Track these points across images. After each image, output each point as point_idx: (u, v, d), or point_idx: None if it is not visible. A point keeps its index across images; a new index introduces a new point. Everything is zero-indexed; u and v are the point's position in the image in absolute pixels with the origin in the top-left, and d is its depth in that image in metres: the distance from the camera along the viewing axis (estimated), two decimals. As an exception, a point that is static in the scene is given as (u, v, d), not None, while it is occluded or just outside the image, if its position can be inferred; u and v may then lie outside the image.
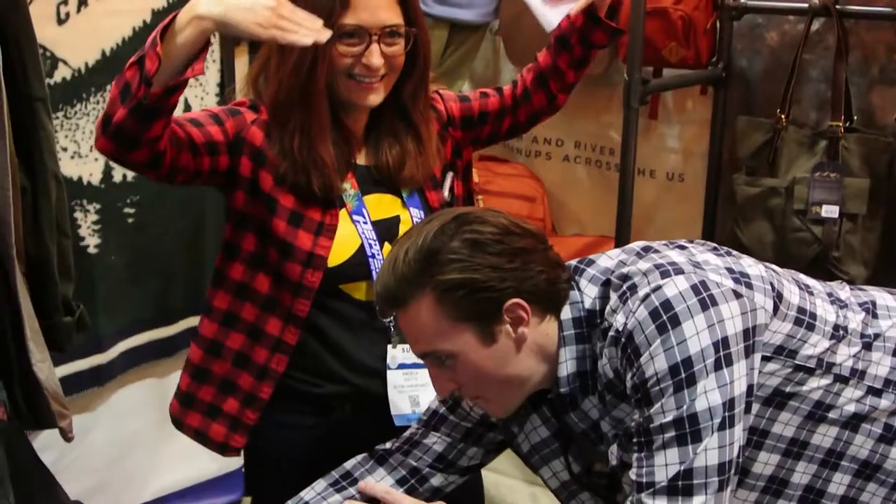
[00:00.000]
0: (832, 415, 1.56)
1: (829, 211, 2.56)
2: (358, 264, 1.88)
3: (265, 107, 1.88)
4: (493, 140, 2.10)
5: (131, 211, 2.93)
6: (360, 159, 1.96)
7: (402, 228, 1.91)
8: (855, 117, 2.60)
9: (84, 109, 2.76)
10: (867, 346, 1.58)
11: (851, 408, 1.56)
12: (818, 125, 2.68)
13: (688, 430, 1.44)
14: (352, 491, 1.75)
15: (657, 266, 1.51)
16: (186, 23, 1.61)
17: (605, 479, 1.66)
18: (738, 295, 1.48)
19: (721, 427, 1.44)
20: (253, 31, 1.61)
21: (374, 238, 1.88)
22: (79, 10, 2.71)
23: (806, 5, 2.60)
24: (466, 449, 1.76)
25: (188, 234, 3.10)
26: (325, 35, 1.66)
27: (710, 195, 2.91)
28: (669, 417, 1.44)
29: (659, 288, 1.47)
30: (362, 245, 1.87)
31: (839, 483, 1.60)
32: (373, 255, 1.88)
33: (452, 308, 1.51)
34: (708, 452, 1.43)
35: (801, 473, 1.58)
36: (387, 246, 1.90)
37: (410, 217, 1.94)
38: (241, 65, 3.21)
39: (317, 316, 1.89)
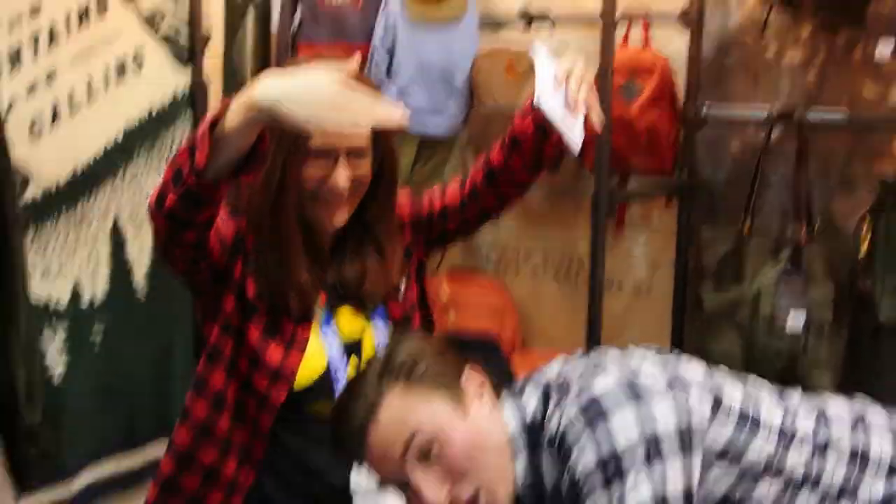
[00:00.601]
0: None
1: (796, 318, 2.54)
2: (323, 385, 1.84)
3: (241, 215, 1.85)
4: (443, 239, 2.05)
5: (98, 334, 2.91)
6: (328, 275, 1.94)
7: (366, 343, 1.89)
8: (817, 224, 2.59)
9: (54, 228, 2.78)
10: (819, 453, 1.55)
11: None
12: (781, 233, 2.68)
13: None
14: None
15: (592, 365, 1.51)
16: (238, 109, 1.50)
17: None
18: (670, 395, 1.46)
19: None
20: (318, 119, 1.48)
21: (342, 354, 1.85)
22: (52, 127, 2.75)
23: (765, 114, 2.62)
24: None
25: (156, 359, 3.09)
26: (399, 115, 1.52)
27: (676, 306, 2.88)
28: None
29: (589, 387, 1.46)
30: (329, 366, 1.84)
31: None
32: (337, 370, 1.84)
33: (418, 388, 1.53)
34: None
35: None
36: (353, 359, 1.87)
37: (373, 330, 1.91)
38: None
39: (283, 431, 1.86)
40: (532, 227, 3.19)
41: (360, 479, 1.82)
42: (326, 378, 1.83)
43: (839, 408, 1.64)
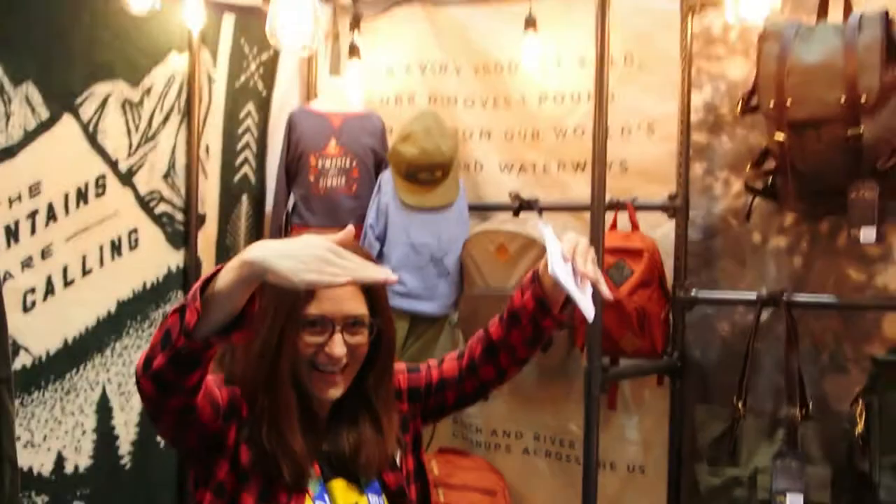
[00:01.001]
0: None
1: (794, 500, 2.53)
2: None
3: (236, 384, 1.82)
4: (440, 412, 2.03)
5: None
6: (323, 445, 1.92)
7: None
8: (810, 405, 2.61)
9: (41, 398, 2.75)
10: None
11: None
12: (775, 413, 2.70)
13: None
14: None
15: None
16: (229, 268, 1.53)
17: None
18: None
19: None
20: (304, 280, 1.50)
21: None
22: (45, 299, 2.76)
23: (754, 296, 2.68)
24: None
25: (138, 527, 3.02)
26: (389, 275, 1.55)
27: (671, 487, 2.86)
28: None
29: None
30: None
31: None
32: None
33: None
34: None
35: None
36: None
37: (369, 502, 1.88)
38: (203, 357, 3.23)
39: None
40: (523, 407, 3.19)
41: None
42: None
43: None
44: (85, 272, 2.87)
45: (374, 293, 1.85)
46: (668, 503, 2.87)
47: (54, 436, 2.80)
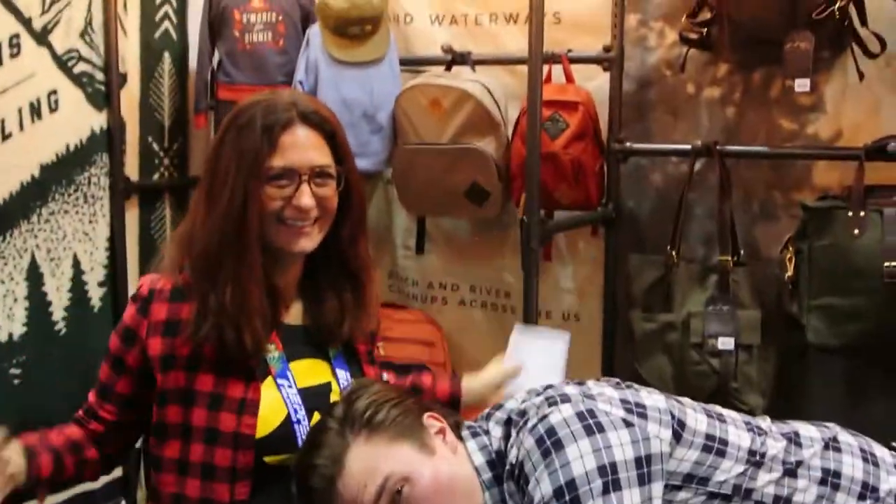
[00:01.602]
0: None
1: (725, 343, 2.62)
2: (284, 435, 1.78)
3: (191, 268, 1.81)
4: None
5: (17, 371, 2.82)
6: (290, 318, 1.89)
7: (333, 397, 1.84)
8: (741, 251, 2.69)
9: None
10: (790, 473, 1.60)
11: None
12: (707, 260, 2.77)
13: None
14: None
15: (548, 398, 1.55)
16: None
17: None
18: (628, 424, 1.50)
19: None
20: None
21: (300, 403, 1.80)
22: (-32, 164, 2.66)
23: (689, 147, 2.72)
24: None
25: (76, 397, 2.97)
26: None
27: (606, 333, 2.95)
28: None
29: (545, 417, 1.50)
30: (288, 414, 1.78)
31: None
32: (298, 422, 1.79)
33: (382, 434, 1.56)
34: None
35: None
36: (315, 415, 1.80)
37: (338, 381, 1.87)
38: (132, 218, 3.18)
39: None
40: (459, 259, 3.22)
41: None
42: (287, 428, 1.78)
43: (810, 430, 1.71)
44: (5, 137, 2.76)
45: (338, 143, 1.83)
46: (602, 349, 2.95)
47: (-15, 305, 2.75)
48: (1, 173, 2.77)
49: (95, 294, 3.06)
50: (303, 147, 1.77)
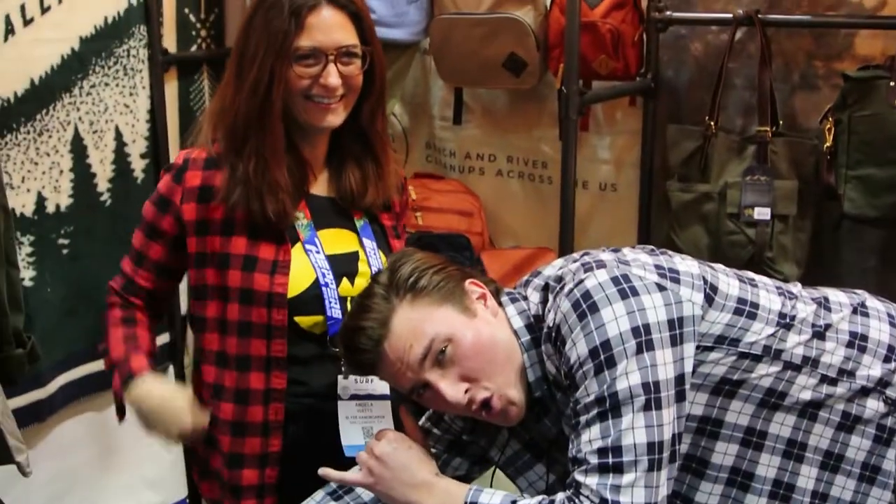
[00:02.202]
0: (786, 402, 1.61)
1: (761, 213, 2.64)
2: (312, 297, 1.89)
3: (222, 140, 1.90)
4: None
5: (66, 241, 2.90)
6: (318, 189, 1.97)
7: (360, 265, 1.94)
8: (780, 122, 2.69)
9: (14, 140, 2.73)
10: (819, 336, 1.65)
11: (806, 395, 1.62)
12: (745, 131, 2.77)
13: (608, 408, 1.48)
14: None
15: (584, 265, 1.60)
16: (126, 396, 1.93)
17: None
18: (661, 287, 1.54)
19: (646, 408, 1.48)
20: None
21: (328, 268, 1.89)
22: (6, 40, 2.68)
23: (730, 16, 2.69)
24: (451, 460, 1.81)
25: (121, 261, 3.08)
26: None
27: (643, 203, 2.97)
28: (592, 397, 1.50)
29: (581, 282, 1.55)
30: (316, 278, 1.88)
31: (807, 476, 1.64)
32: (326, 285, 1.88)
33: (426, 299, 1.62)
34: (635, 431, 1.48)
35: (766, 466, 1.63)
36: (344, 281, 1.91)
37: (364, 250, 1.95)
38: (171, 90, 3.21)
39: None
40: (496, 130, 3.23)
41: (347, 383, 1.90)
42: (315, 290, 1.88)
43: (840, 296, 1.75)
44: (44, 10, 2.77)
45: (363, 23, 1.89)
46: (639, 219, 2.98)
47: (32, 177, 2.79)
48: (41, 46, 2.79)
49: (138, 166, 3.11)
50: (329, 27, 1.82)
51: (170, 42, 3.17)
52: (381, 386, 1.91)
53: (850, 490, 1.65)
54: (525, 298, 1.68)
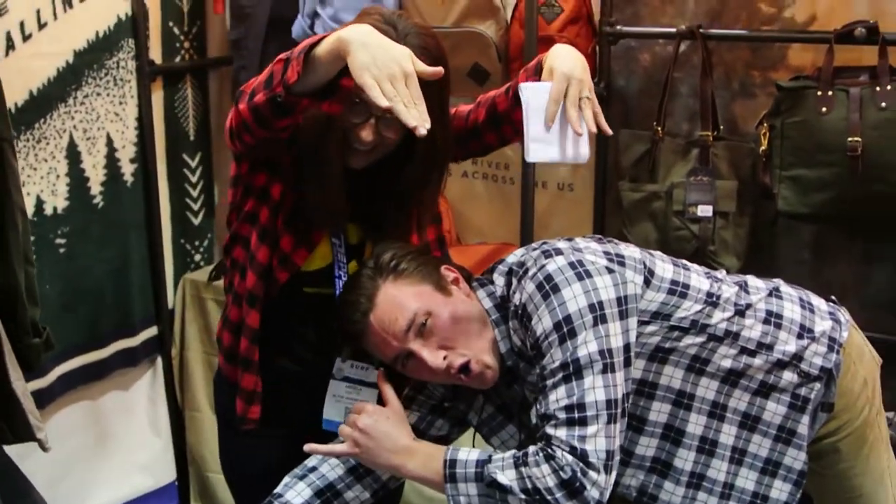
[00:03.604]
0: (710, 369, 1.88)
1: (704, 210, 2.89)
2: (325, 276, 2.06)
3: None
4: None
5: (62, 241, 3.10)
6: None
7: (367, 249, 2.09)
8: (721, 127, 2.94)
9: (16, 147, 2.90)
10: (740, 313, 1.90)
11: (727, 364, 1.88)
12: (690, 135, 3.01)
13: (572, 371, 1.74)
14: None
15: (544, 252, 1.85)
16: (329, 38, 1.64)
17: None
18: (609, 270, 1.81)
19: (603, 371, 1.74)
20: (363, 79, 1.59)
21: (345, 261, 2.06)
22: (7, 54, 2.88)
23: (674, 30, 2.94)
24: (434, 421, 2.04)
25: (114, 263, 3.30)
26: (423, 126, 1.60)
27: (597, 202, 3.22)
28: (557, 363, 1.75)
29: (543, 266, 1.80)
30: (333, 264, 2.05)
31: (728, 434, 1.91)
32: (339, 277, 2.06)
33: (407, 279, 1.87)
34: (595, 390, 1.73)
35: (694, 424, 1.90)
36: (352, 264, 2.08)
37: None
38: (157, 99, 3.41)
39: (285, 303, 2.08)
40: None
41: (344, 366, 2.10)
42: (329, 273, 2.06)
43: (757, 282, 2.01)
44: (41, 26, 2.97)
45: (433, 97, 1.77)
46: (594, 216, 3.23)
47: (31, 181, 3.00)
48: (39, 59, 2.99)
49: (128, 170, 3.31)
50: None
51: (155, 54, 3.37)
52: (372, 376, 2.07)
53: (766, 448, 1.92)
54: (492, 283, 1.93)
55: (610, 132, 1.92)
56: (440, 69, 1.67)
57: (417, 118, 1.59)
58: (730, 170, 2.91)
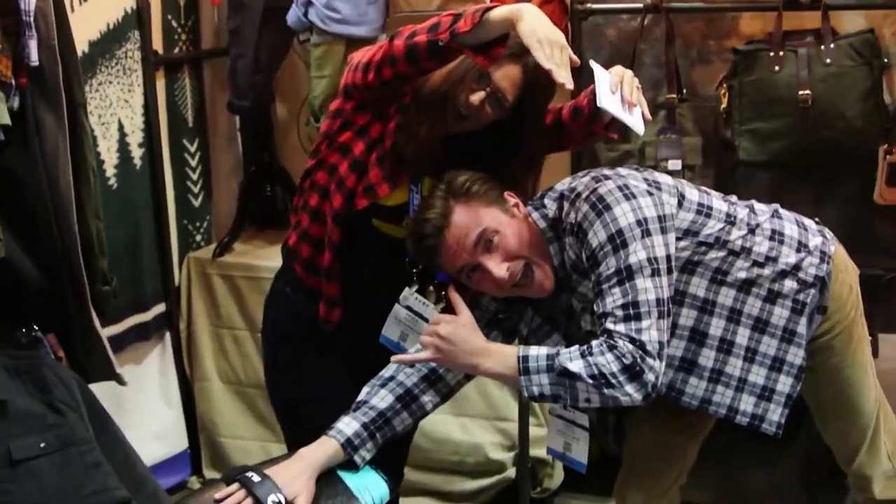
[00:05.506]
0: (728, 279, 2.20)
1: (674, 164, 3.22)
2: (395, 213, 2.33)
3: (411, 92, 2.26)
4: None
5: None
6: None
7: None
8: (684, 90, 3.30)
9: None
10: (751, 231, 2.23)
11: (742, 274, 2.20)
12: (656, 99, 3.35)
13: (625, 276, 2.05)
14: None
15: (593, 178, 2.17)
16: (503, 8, 1.97)
17: None
18: (650, 193, 2.12)
19: (651, 275, 2.05)
20: (531, 40, 1.94)
21: (416, 206, 2.30)
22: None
23: (640, 5, 3.28)
24: (489, 333, 2.29)
25: (128, 242, 3.51)
26: (569, 83, 1.97)
27: (575, 163, 3.54)
28: (612, 269, 2.06)
29: (595, 189, 2.11)
30: (408, 203, 2.32)
31: (743, 336, 2.23)
32: (413, 207, 2.31)
33: (476, 201, 2.14)
34: (647, 291, 2.04)
35: (715, 328, 2.21)
36: None
37: None
38: (159, 87, 3.64)
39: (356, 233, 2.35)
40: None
41: (409, 295, 2.39)
42: (403, 210, 2.33)
43: (761, 206, 2.35)
44: (60, 17, 3.19)
45: (529, 97, 2.28)
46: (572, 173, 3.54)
47: (54, 163, 3.21)
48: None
49: (136, 154, 3.54)
50: (509, 77, 2.21)
51: (157, 45, 3.60)
52: (430, 313, 2.36)
53: (773, 347, 2.24)
54: (544, 206, 2.23)
55: (650, 118, 2.24)
56: (577, 59, 2.06)
57: (566, 78, 1.97)
58: (694, 127, 3.26)
